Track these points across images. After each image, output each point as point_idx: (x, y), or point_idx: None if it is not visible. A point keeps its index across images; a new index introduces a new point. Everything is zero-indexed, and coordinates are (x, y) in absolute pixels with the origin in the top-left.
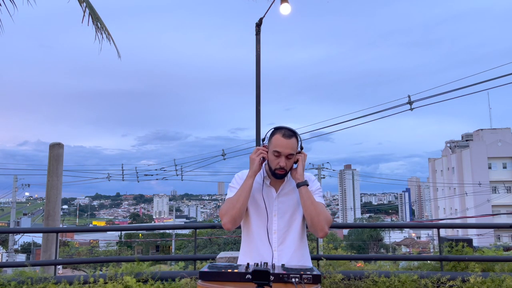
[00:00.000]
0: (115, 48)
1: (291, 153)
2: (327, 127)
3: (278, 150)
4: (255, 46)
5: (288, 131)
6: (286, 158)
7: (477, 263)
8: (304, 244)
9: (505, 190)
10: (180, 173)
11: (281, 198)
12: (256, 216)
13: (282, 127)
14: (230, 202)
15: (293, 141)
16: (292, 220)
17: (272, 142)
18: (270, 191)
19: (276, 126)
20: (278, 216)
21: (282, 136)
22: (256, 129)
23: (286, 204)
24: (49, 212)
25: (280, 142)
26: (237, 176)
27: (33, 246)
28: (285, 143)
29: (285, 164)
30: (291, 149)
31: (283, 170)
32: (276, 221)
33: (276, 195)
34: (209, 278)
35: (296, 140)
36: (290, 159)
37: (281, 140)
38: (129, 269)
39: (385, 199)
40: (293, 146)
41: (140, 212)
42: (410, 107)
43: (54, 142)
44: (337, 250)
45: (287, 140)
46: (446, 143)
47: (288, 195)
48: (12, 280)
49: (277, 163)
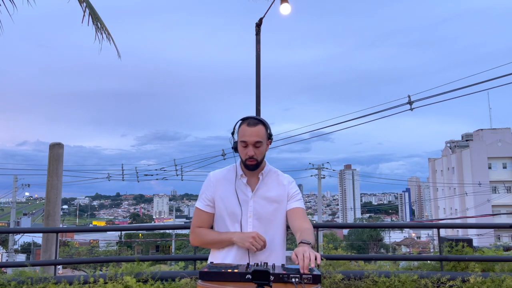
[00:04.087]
0: (115, 48)
1: (258, 141)
2: (327, 127)
3: (244, 139)
4: (255, 46)
5: (253, 119)
6: (254, 147)
7: (477, 263)
8: (282, 247)
9: (505, 190)
10: (180, 173)
11: (257, 198)
12: (229, 217)
13: (248, 117)
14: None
15: (258, 129)
16: (269, 221)
17: (239, 133)
18: (246, 190)
19: (243, 117)
20: (254, 217)
21: (247, 125)
22: None
23: (262, 204)
24: (49, 212)
25: (245, 132)
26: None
27: (33, 246)
28: (250, 131)
29: (253, 153)
30: (256, 137)
31: (253, 160)
32: (251, 223)
33: (251, 194)
34: (209, 278)
35: (264, 128)
36: (258, 147)
37: (246, 130)
38: (129, 269)
39: (385, 199)
40: (259, 134)
41: (140, 212)
42: (410, 107)
43: (54, 142)
44: (337, 250)
45: (252, 128)
46: (446, 143)
47: (264, 195)
48: (12, 280)
49: (246, 153)
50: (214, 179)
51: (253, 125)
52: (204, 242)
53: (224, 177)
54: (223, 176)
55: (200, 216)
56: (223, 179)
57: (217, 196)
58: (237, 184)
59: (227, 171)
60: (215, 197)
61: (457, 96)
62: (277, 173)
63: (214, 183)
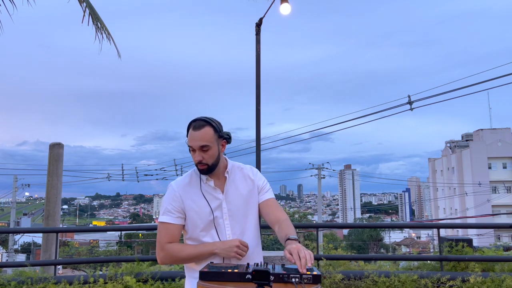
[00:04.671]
0: (115, 48)
1: (203, 145)
2: (327, 127)
3: (190, 144)
4: (255, 46)
5: (200, 121)
6: (201, 151)
7: (477, 263)
8: (259, 241)
9: (505, 190)
10: (180, 173)
11: (228, 199)
12: (204, 225)
13: (195, 119)
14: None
15: (204, 132)
16: (245, 219)
17: (188, 137)
18: (216, 193)
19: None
20: (230, 219)
21: (193, 129)
22: (256, 129)
23: (235, 204)
24: (49, 212)
25: (191, 136)
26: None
27: (33, 246)
28: (195, 135)
29: (201, 157)
30: (201, 141)
31: (203, 165)
32: (228, 225)
33: (223, 196)
34: (209, 278)
35: (211, 128)
36: (206, 151)
37: (191, 134)
38: (129, 269)
39: (385, 199)
40: (203, 137)
41: (140, 212)
42: (410, 107)
43: (54, 142)
44: (337, 250)
45: (197, 132)
46: (446, 143)
47: (234, 193)
48: (12, 280)
49: (194, 158)
50: (178, 189)
51: (198, 128)
52: (179, 258)
53: (188, 184)
54: (186, 184)
55: (169, 231)
56: (188, 187)
57: (186, 206)
58: (205, 188)
59: (189, 178)
60: (184, 207)
61: (457, 96)
62: (240, 167)
63: (180, 192)
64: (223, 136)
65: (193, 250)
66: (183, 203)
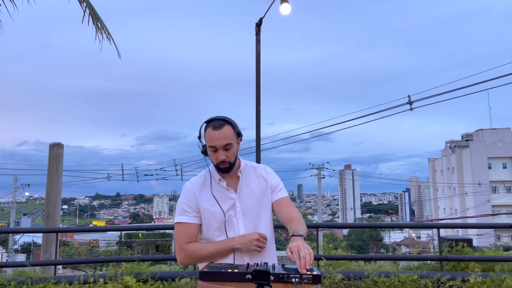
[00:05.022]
0: (115, 48)
1: (227, 143)
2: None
3: (212, 144)
4: (255, 46)
5: (218, 121)
6: (224, 149)
7: (477, 263)
8: (273, 241)
9: (505, 190)
10: (180, 173)
11: (242, 198)
12: (218, 225)
13: (212, 119)
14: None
15: (225, 130)
16: (259, 219)
17: (206, 138)
18: (229, 193)
19: (207, 119)
20: (243, 217)
21: (213, 129)
22: (256, 129)
23: (248, 203)
24: (49, 212)
25: (212, 135)
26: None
27: (33, 246)
28: (217, 135)
29: (225, 156)
30: (225, 139)
31: (226, 163)
32: (242, 224)
33: (236, 196)
34: (209, 278)
35: (230, 127)
36: (229, 149)
37: (212, 133)
38: (129, 269)
39: (385, 199)
40: (226, 135)
41: (140, 212)
42: (410, 107)
43: (54, 142)
44: (337, 250)
45: (219, 131)
46: (446, 143)
47: (247, 193)
48: (12, 280)
49: (217, 158)
50: (193, 189)
51: (218, 127)
52: (200, 257)
53: (202, 184)
54: (201, 184)
55: (187, 231)
56: (202, 187)
57: (201, 207)
58: (218, 189)
59: (204, 178)
60: (199, 207)
61: (457, 96)
62: (253, 166)
63: (195, 192)
64: (240, 133)
65: (213, 247)
66: (198, 203)
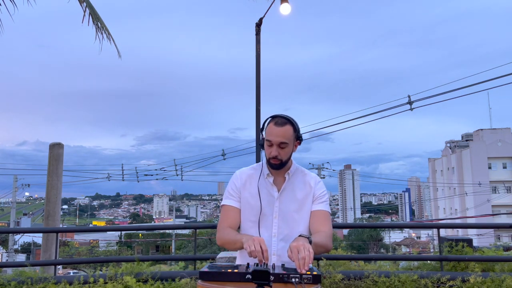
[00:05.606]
0: (116, 48)
1: (283, 142)
2: (327, 127)
3: (269, 139)
4: (255, 46)
5: (282, 118)
6: (279, 147)
7: (477, 263)
8: None
9: (505, 190)
10: (180, 173)
11: (282, 198)
12: (253, 217)
13: (277, 115)
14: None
15: (285, 129)
16: (295, 224)
17: (266, 131)
18: (272, 190)
19: (273, 114)
20: (279, 217)
21: (274, 124)
22: (256, 129)
23: (287, 205)
24: (49, 212)
25: (272, 131)
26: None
27: (33, 246)
28: (276, 131)
29: (277, 153)
30: (282, 137)
31: (277, 160)
32: (276, 224)
33: (277, 195)
34: (209, 278)
35: (292, 128)
36: (284, 148)
37: (272, 128)
38: (129, 269)
39: (385, 199)
40: (285, 134)
41: (140, 212)
42: (410, 107)
43: (54, 142)
44: (337, 250)
45: (279, 128)
46: (446, 143)
47: (289, 195)
48: (12, 280)
49: (270, 153)
50: (241, 177)
51: (280, 124)
52: (223, 241)
53: (250, 175)
54: (249, 175)
55: (229, 214)
56: (250, 178)
57: (243, 195)
58: (264, 183)
59: (254, 170)
60: (241, 195)
61: (457, 96)
62: (304, 172)
63: (242, 181)
64: (300, 137)
65: (232, 237)
66: (242, 191)
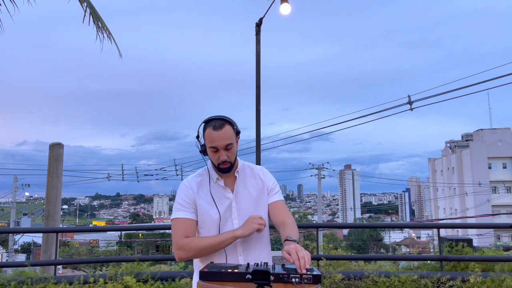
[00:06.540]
0: (116, 48)
1: (228, 143)
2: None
3: (213, 145)
4: (255, 46)
5: (218, 121)
6: (225, 149)
7: (477, 263)
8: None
9: (505, 190)
10: (180, 173)
11: (238, 198)
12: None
13: (211, 119)
14: (197, 245)
15: (226, 130)
16: None
17: (206, 138)
18: (226, 193)
19: (205, 119)
20: (238, 218)
21: (213, 129)
22: (256, 129)
23: (244, 204)
24: (49, 212)
25: (213, 136)
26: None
27: (33, 246)
28: (218, 135)
29: (226, 156)
30: (226, 140)
31: (227, 163)
32: (237, 225)
33: (232, 196)
34: (209, 278)
35: (230, 126)
36: (230, 149)
37: (212, 134)
38: (129, 269)
39: (385, 199)
40: (227, 136)
41: (140, 212)
42: (410, 107)
43: (54, 142)
44: (337, 250)
45: (219, 131)
46: (446, 143)
47: (244, 193)
48: (12, 280)
49: (218, 158)
50: (192, 186)
51: (219, 127)
52: (200, 248)
53: (200, 183)
54: (198, 182)
55: (185, 226)
56: (200, 185)
57: (198, 204)
58: (215, 187)
59: (201, 176)
60: (197, 204)
61: (457, 96)
62: (250, 167)
63: (193, 190)
64: (238, 131)
65: (215, 238)
66: (195, 200)
